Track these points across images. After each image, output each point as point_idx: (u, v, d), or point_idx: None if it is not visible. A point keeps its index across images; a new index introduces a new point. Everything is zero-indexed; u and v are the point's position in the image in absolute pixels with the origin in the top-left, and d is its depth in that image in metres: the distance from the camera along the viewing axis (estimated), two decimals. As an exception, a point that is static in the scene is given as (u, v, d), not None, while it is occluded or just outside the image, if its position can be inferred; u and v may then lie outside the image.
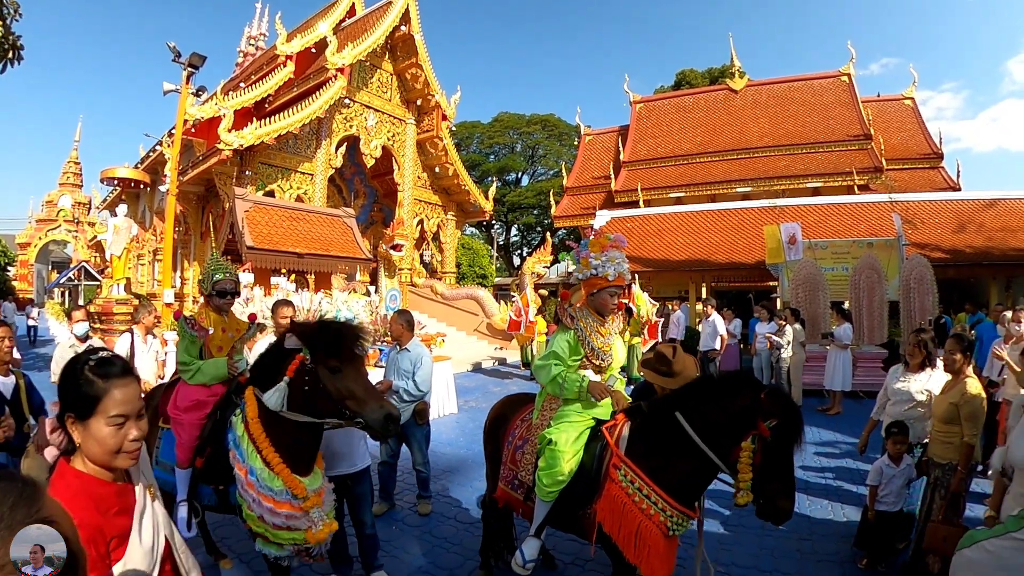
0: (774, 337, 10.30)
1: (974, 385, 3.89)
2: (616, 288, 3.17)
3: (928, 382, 4.51)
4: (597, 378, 3.21)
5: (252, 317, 3.79)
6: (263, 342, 4.57)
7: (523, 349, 15.03)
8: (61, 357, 5.16)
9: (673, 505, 2.70)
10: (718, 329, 11.14)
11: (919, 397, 4.50)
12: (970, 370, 4.05)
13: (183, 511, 3.25)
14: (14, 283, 40.67)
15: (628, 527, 2.74)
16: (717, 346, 10.89)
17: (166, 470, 3.38)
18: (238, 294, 3.62)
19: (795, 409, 2.60)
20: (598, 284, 3.15)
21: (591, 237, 3.28)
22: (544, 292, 17.71)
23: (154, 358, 5.83)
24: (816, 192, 24.40)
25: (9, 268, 42.28)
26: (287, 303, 4.61)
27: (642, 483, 2.74)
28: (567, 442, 2.98)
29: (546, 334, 13.13)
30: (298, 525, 2.80)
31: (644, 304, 12.36)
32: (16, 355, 4.04)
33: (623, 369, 11.92)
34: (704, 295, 20.65)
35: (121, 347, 5.68)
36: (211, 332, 3.41)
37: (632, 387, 4.06)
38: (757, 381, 2.79)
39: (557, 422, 3.11)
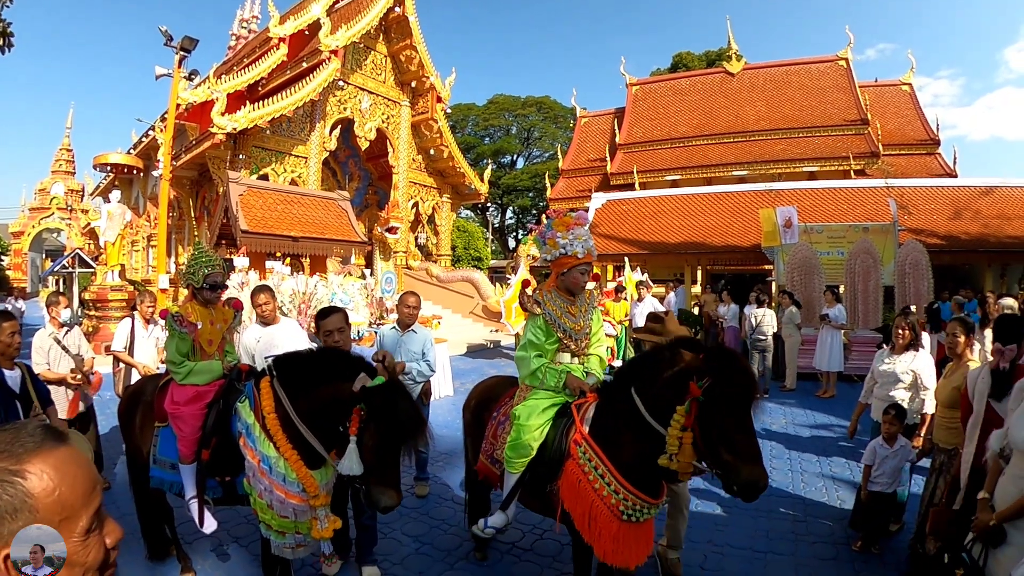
0: (753, 313, 10.26)
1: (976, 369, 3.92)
2: (586, 265, 3.13)
3: (913, 362, 4.74)
4: (575, 361, 3.18)
5: (237, 305, 3.66)
6: (251, 330, 4.54)
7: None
8: (40, 346, 4.92)
9: (628, 488, 2.64)
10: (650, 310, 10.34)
11: (904, 378, 4.74)
12: (973, 354, 4.08)
13: (195, 507, 3.13)
14: (8, 272, 40.39)
15: (582, 506, 2.71)
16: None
17: (165, 468, 3.29)
18: (227, 286, 3.50)
19: (733, 363, 2.45)
20: (568, 263, 3.10)
21: (553, 218, 3.23)
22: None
23: (154, 344, 5.80)
24: (812, 176, 24.43)
25: (3, 257, 41.96)
26: (266, 288, 4.43)
27: (599, 462, 2.70)
28: (531, 415, 2.99)
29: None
30: (303, 518, 2.80)
31: (632, 286, 12.37)
32: None
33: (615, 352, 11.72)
34: (699, 278, 20.67)
35: (121, 332, 5.66)
36: (200, 327, 3.28)
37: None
38: (699, 343, 2.71)
39: (527, 398, 3.12)
